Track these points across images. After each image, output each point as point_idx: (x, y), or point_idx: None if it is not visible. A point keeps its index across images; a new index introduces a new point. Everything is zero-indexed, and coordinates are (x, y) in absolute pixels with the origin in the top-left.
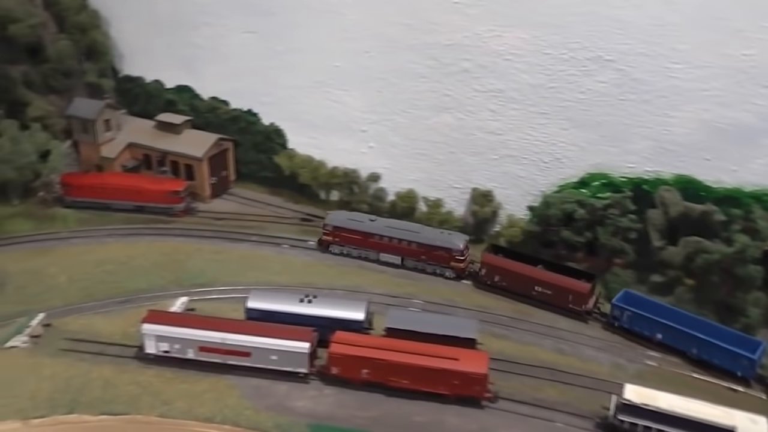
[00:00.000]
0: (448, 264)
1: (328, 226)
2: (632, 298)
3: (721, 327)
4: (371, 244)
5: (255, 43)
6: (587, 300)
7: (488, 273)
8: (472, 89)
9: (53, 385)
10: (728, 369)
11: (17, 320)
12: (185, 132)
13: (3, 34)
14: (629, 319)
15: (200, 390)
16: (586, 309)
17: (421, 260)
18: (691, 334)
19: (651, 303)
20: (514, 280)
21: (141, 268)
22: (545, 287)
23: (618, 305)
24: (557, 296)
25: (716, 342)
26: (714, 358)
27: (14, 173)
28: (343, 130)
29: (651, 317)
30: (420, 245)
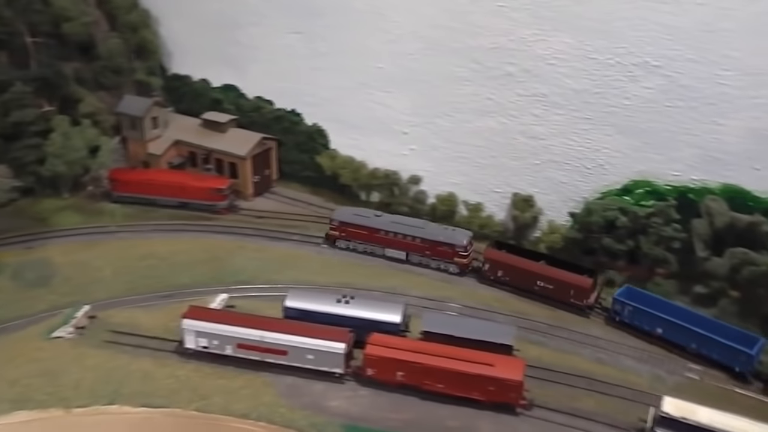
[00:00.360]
0: (452, 259)
1: (335, 221)
2: (633, 293)
3: (721, 323)
4: (377, 239)
5: (300, 43)
6: (589, 295)
7: (491, 268)
8: (515, 93)
9: (95, 376)
10: (726, 364)
11: (64, 311)
12: (230, 130)
13: (57, 32)
14: (630, 314)
15: (237, 386)
16: (587, 304)
17: (425, 255)
18: (690, 330)
19: (652, 298)
20: (516, 275)
21: (183, 263)
22: (547, 282)
23: (619, 300)
24: (559, 291)
25: (715, 337)
26: (713, 353)
27: (65, 167)
28: (384, 131)
29: (651, 312)
30: (424, 241)
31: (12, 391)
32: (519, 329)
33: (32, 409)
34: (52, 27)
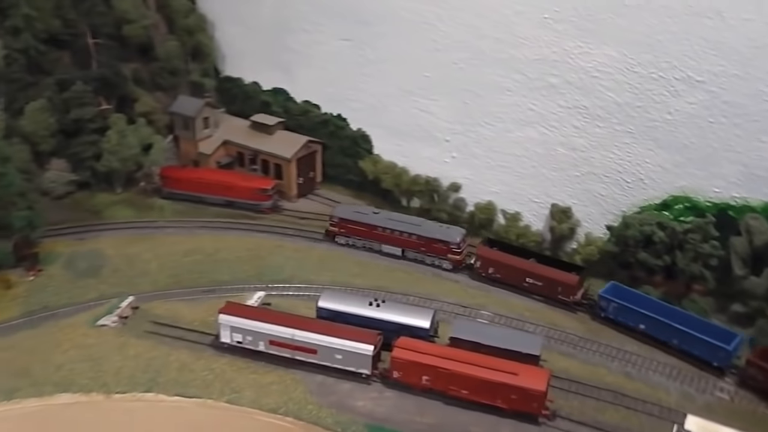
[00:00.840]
0: (446, 256)
1: (335, 218)
2: (619, 290)
3: (702, 319)
4: (374, 235)
5: (348, 50)
6: (575, 291)
7: (483, 265)
8: (557, 105)
9: (136, 364)
10: (706, 359)
11: (110, 301)
12: (277, 133)
13: (118, 34)
14: (615, 310)
15: (268, 381)
16: (574, 300)
17: (420, 252)
18: (672, 326)
19: (636, 295)
20: (507, 272)
21: (226, 260)
22: (536, 279)
23: (605, 297)
24: (547, 287)
25: (695, 333)
26: (693, 349)
27: (119, 164)
28: (427, 138)
29: (635, 309)
30: (420, 238)
31: (57, 374)
32: (549, 340)
33: (75, 393)
34: (114, 29)
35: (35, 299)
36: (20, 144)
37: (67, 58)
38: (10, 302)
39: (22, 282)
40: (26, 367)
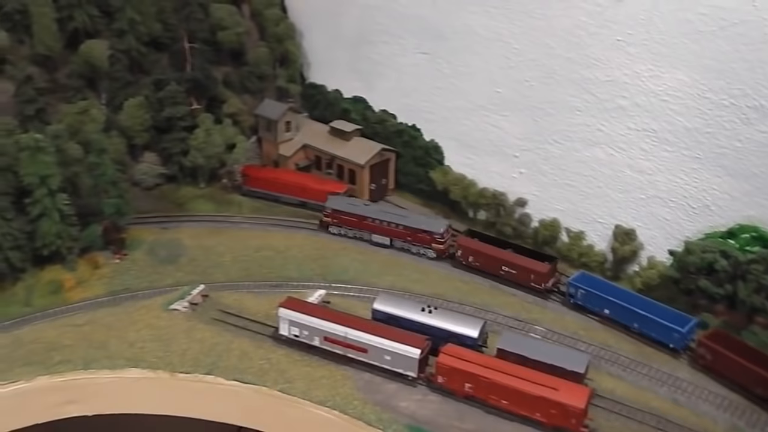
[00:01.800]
0: (430, 245)
1: (328, 209)
2: (586, 278)
3: (660, 305)
4: (365, 226)
5: (426, 63)
6: (547, 279)
7: (464, 254)
8: (625, 127)
9: (200, 348)
10: (663, 341)
11: (183, 287)
12: (354, 139)
13: (212, 39)
14: (582, 297)
15: (319, 375)
16: (546, 287)
17: (407, 241)
18: (633, 310)
19: (602, 283)
20: (485, 260)
21: (294, 258)
22: (511, 267)
23: (573, 284)
24: (521, 275)
25: (653, 317)
26: (652, 332)
27: (204, 160)
28: (496, 153)
29: (600, 295)
30: (406, 228)
31: (129, 350)
32: (599, 360)
33: (143, 369)
34: (209, 35)
35: (119, 280)
36: (118, 137)
37: (165, 60)
38: (96, 281)
39: (109, 264)
40: (104, 341)
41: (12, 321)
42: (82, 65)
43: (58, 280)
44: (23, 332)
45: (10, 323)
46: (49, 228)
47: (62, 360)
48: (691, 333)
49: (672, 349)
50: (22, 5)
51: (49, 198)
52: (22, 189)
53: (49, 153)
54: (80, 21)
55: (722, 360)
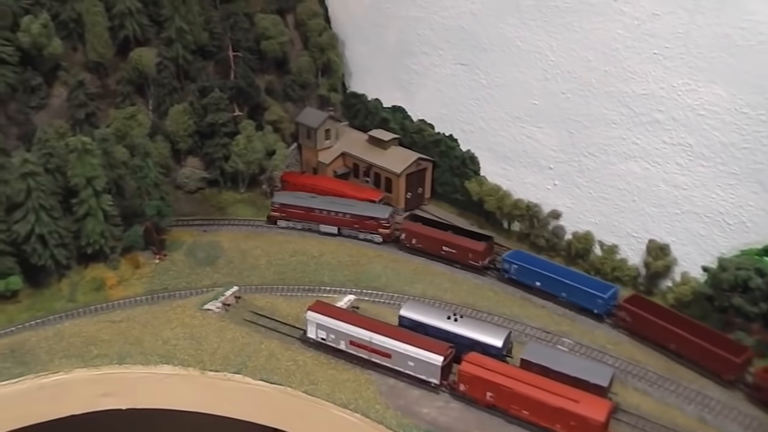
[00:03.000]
0: (377, 230)
1: (276, 204)
2: (519, 255)
3: (585, 275)
4: (313, 217)
5: (464, 74)
6: (483, 257)
7: (407, 237)
8: (661, 141)
9: (230, 347)
10: (588, 308)
11: (218, 289)
12: (391, 148)
13: (257, 48)
14: (516, 271)
15: (344, 378)
16: (483, 264)
17: (354, 229)
18: (560, 281)
19: (533, 258)
20: (427, 242)
21: (328, 264)
22: (451, 247)
23: (507, 260)
24: (460, 254)
25: (578, 286)
26: (578, 300)
27: (244, 166)
28: (532, 165)
29: (532, 269)
30: (353, 216)
31: (163, 347)
32: (626, 375)
33: (175, 365)
34: (254, 44)
35: (158, 280)
36: (163, 141)
37: (211, 68)
38: (136, 280)
39: (149, 264)
40: (139, 337)
41: (56, 316)
42: (132, 72)
43: (101, 278)
44: (65, 326)
45: (54, 318)
46: (93, 227)
47: (99, 354)
48: (613, 299)
49: (597, 315)
50: (77, 14)
51: (95, 198)
52: (69, 189)
53: (95, 155)
54: (131, 29)
55: (640, 321)
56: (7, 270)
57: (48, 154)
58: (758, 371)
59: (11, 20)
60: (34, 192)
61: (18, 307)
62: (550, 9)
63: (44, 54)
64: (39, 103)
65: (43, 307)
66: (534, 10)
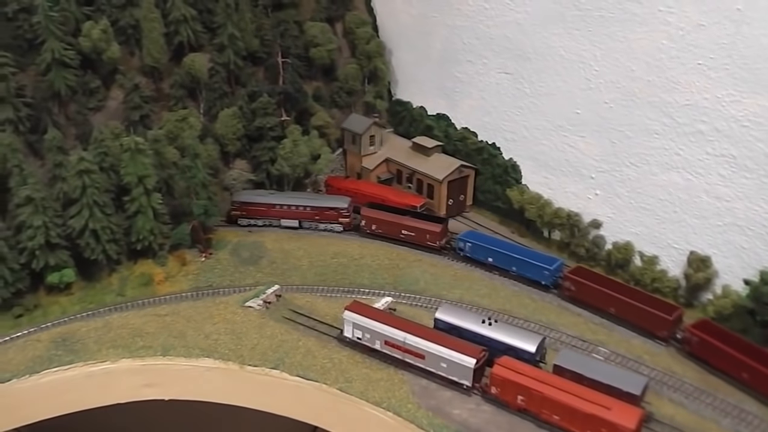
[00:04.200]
0: (337, 220)
1: (236, 203)
2: (472, 234)
3: (533, 250)
4: (273, 213)
5: (508, 83)
6: (440, 237)
7: (367, 223)
8: (704, 152)
9: (269, 343)
10: (536, 280)
11: (260, 287)
12: (434, 155)
13: (305, 55)
14: (470, 249)
15: (377, 377)
16: (440, 245)
17: (315, 220)
18: (511, 256)
19: (485, 236)
20: (386, 226)
21: (368, 266)
22: (409, 230)
23: (461, 239)
24: (419, 236)
25: (527, 260)
26: (527, 273)
27: (289, 169)
28: (573, 174)
29: (484, 246)
30: (314, 208)
31: (205, 341)
32: (661, 385)
33: (215, 359)
34: (303, 50)
35: (203, 277)
36: (212, 144)
37: (260, 74)
38: (183, 277)
39: (195, 261)
40: (183, 331)
41: (106, 308)
42: (185, 76)
43: (149, 274)
44: (113, 318)
45: (103, 310)
46: (143, 224)
47: (144, 345)
48: (558, 271)
49: (544, 286)
50: (135, 20)
51: (145, 197)
52: (122, 187)
53: (147, 155)
54: (185, 36)
55: (583, 289)
56: (62, 263)
57: (103, 153)
58: (687, 327)
59: (74, 26)
60: (88, 189)
61: (71, 299)
62: (595, 18)
63: (103, 58)
64: (97, 105)
65: (94, 299)
66: (578, 20)
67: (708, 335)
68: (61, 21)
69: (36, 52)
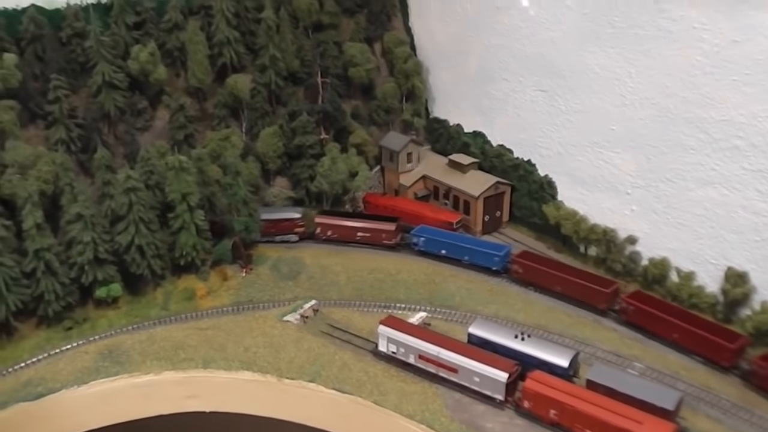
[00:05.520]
0: (293, 230)
1: None
2: (425, 229)
3: (482, 240)
4: None
5: (543, 100)
6: (395, 235)
7: (322, 230)
8: (740, 167)
9: (306, 357)
10: (487, 266)
11: (298, 301)
12: (470, 172)
13: (344, 75)
14: (424, 243)
15: (411, 391)
16: (395, 242)
17: (270, 234)
18: (462, 246)
19: (436, 231)
20: (341, 231)
21: (404, 281)
22: (364, 232)
23: (415, 234)
24: (374, 236)
25: (477, 248)
26: (479, 261)
27: (328, 186)
28: (609, 190)
29: (437, 239)
30: (270, 221)
31: (244, 354)
32: (698, 401)
33: (254, 372)
34: (342, 70)
35: (244, 292)
36: (254, 162)
37: (300, 93)
38: (224, 292)
39: (236, 276)
40: (223, 344)
41: (151, 322)
42: (228, 96)
43: (192, 289)
44: (157, 331)
45: (149, 323)
46: (186, 240)
47: (186, 358)
48: (507, 256)
49: (495, 271)
50: (181, 43)
51: (189, 213)
52: (166, 204)
53: (191, 173)
54: (228, 57)
55: (529, 271)
56: (109, 278)
57: (149, 171)
58: (623, 298)
59: (123, 49)
60: (135, 206)
61: (117, 313)
62: (629, 36)
63: (150, 80)
64: (144, 125)
65: (139, 313)
66: (613, 38)
67: (642, 303)
68: (111, 45)
69: (87, 74)
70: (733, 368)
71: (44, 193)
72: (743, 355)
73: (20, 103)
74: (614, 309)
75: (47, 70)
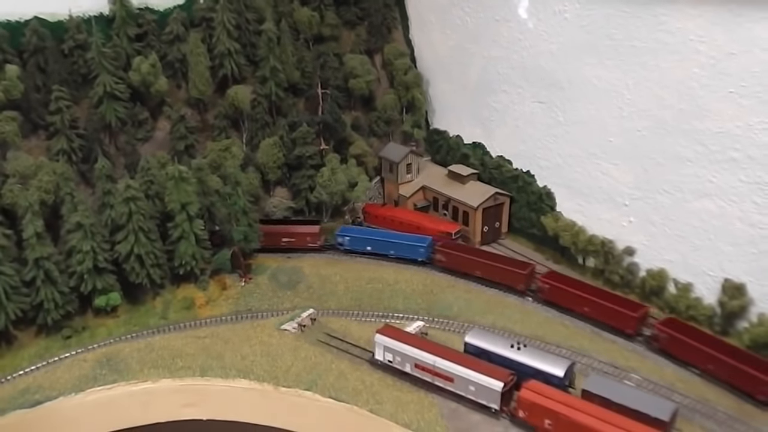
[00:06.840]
0: None
1: None
2: (347, 229)
3: (405, 234)
4: None
5: (542, 112)
6: (319, 238)
7: None
8: (737, 179)
9: (303, 365)
10: (412, 258)
11: (295, 311)
12: (470, 183)
13: (345, 86)
14: (349, 242)
15: (407, 400)
16: (320, 244)
17: None
18: (387, 241)
19: (359, 229)
20: (268, 238)
21: (402, 291)
22: (289, 236)
23: (339, 235)
24: (299, 240)
25: (402, 242)
26: (404, 253)
27: (327, 197)
28: (607, 201)
29: (361, 237)
30: None
31: (241, 362)
32: (692, 413)
33: (251, 380)
34: (342, 82)
35: (243, 301)
36: (254, 172)
37: (301, 104)
38: (223, 301)
39: (235, 286)
40: (221, 352)
41: (149, 330)
42: (228, 107)
43: (191, 298)
44: (155, 339)
45: (147, 332)
46: (185, 250)
47: (184, 366)
48: (430, 247)
49: (420, 262)
50: (182, 54)
51: (188, 223)
52: (166, 214)
53: (191, 183)
54: (229, 68)
55: (450, 258)
56: (109, 287)
57: (149, 181)
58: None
59: (124, 61)
60: (134, 215)
61: (116, 322)
62: (627, 48)
63: (151, 91)
64: (145, 136)
65: (138, 322)
66: (611, 50)
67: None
68: (113, 56)
69: (89, 86)
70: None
71: (45, 203)
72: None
73: (22, 113)
74: (531, 290)
75: (49, 81)
